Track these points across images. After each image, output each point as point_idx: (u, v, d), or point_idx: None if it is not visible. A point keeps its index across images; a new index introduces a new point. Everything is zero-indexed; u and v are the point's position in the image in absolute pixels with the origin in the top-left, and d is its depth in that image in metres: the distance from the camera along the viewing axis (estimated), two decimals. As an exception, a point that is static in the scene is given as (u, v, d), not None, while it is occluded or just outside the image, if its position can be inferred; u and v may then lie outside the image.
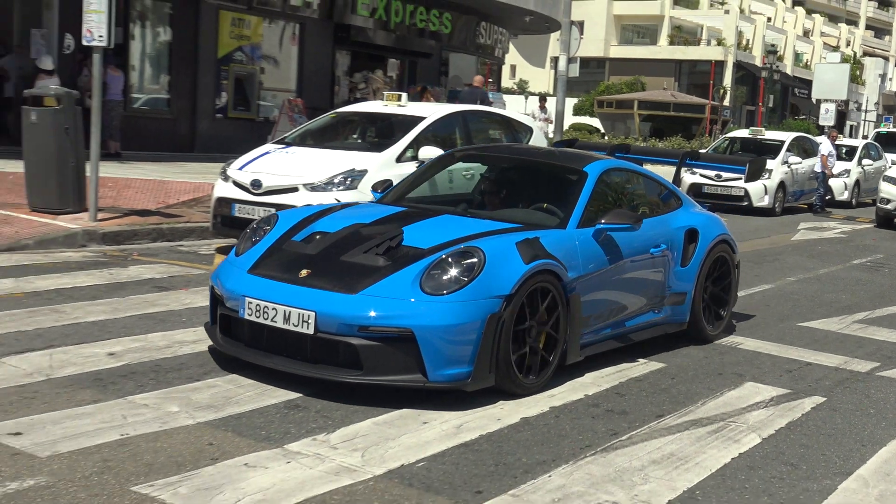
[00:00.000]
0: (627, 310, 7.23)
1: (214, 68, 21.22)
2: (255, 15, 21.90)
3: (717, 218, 8.59)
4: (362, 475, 4.71)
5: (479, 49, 29.48)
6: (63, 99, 11.27)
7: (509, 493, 4.63)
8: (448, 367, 5.65)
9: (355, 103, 16.86)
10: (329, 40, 24.06)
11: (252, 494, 4.38)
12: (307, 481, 4.59)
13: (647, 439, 5.54)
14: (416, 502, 4.45)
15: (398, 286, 5.79)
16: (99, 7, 10.47)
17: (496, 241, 6.21)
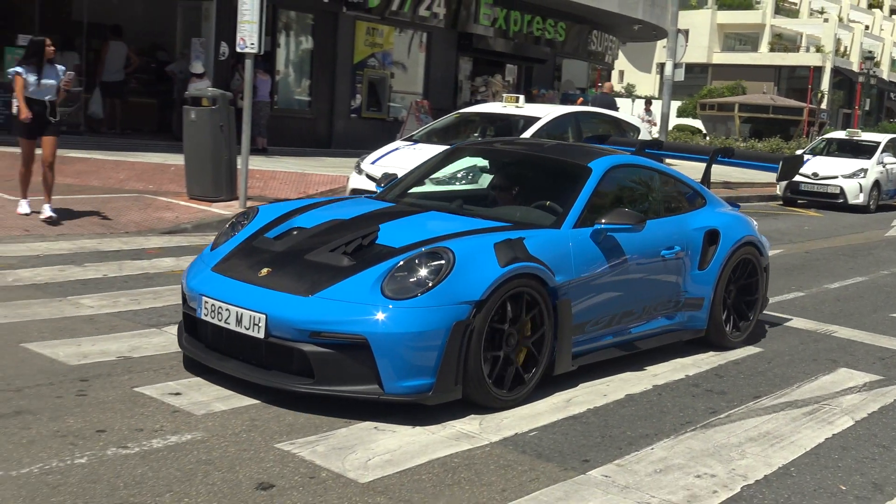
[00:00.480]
0: (633, 316, 6.14)
1: (350, 73, 21.47)
2: (387, 25, 22.07)
3: (745, 218, 7.29)
4: (480, 441, 4.74)
5: (591, 55, 29.15)
6: (218, 100, 11.58)
7: (614, 462, 4.60)
8: (407, 378, 4.72)
9: (476, 105, 16.88)
10: (453, 47, 24.11)
11: (381, 455, 4.45)
12: (430, 445, 4.64)
13: (745, 418, 5.43)
14: (529, 467, 4.45)
15: (357, 289, 4.88)
16: (251, 18, 10.72)
17: (471, 242, 5.22)
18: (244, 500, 3.86)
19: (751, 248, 7.00)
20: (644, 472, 4.50)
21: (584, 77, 30.88)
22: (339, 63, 21.09)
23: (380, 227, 5.48)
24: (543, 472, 4.40)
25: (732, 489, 4.39)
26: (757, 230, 7.22)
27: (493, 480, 4.27)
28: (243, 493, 3.92)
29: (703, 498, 4.26)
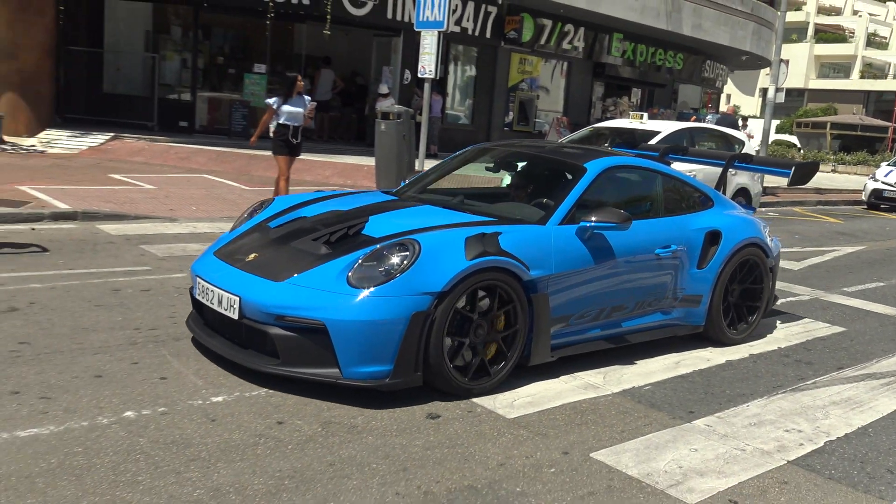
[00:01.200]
0: (625, 310, 5.22)
1: (505, 94, 21.44)
2: (536, 56, 21.89)
3: (753, 221, 6.13)
4: (603, 391, 4.69)
5: (704, 81, 28.05)
6: (403, 115, 11.78)
7: (715, 415, 4.47)
8: (364, 364, 4.03)
9: (606, 121, 16.56)
10: (589, 74, 23.69)
11: (523, 397, 4.48)
12: (563, 392, 4.63)
13: (829, 385, 5.17)
14: (643, 415, 4.38)
15: (324, 277, 4.21)
16: (431, 51, 10.86)
17: (442, 235, 4.41)
18: (417, 425, 3.97)
19: (754, 250, 5.93)
20: (740, 424, 4.36)
21: (696, 99, 29.78)
22: (496, 86, 21.09)
23: (369, 218, 4.80)
24: (655, 419, 4.32)
25: (816, 443, 4.20)
26: (765, 233, 6.15)
27: (613, 423, 4.23)
28: (417, 420, 4.03)
29: (790, 449, 4.09)
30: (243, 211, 5.56)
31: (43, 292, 5.69)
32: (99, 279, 6.17)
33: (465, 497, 3.29)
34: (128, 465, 3.28)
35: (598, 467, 3.68)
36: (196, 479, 3.22)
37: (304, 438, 3.69)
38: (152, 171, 12.71)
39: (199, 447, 3.49)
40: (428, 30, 10.94)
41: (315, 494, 3.19)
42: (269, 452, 3.52)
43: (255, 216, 5.28)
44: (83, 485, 3.09)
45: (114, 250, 7.26)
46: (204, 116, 17.51)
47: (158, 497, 3.06)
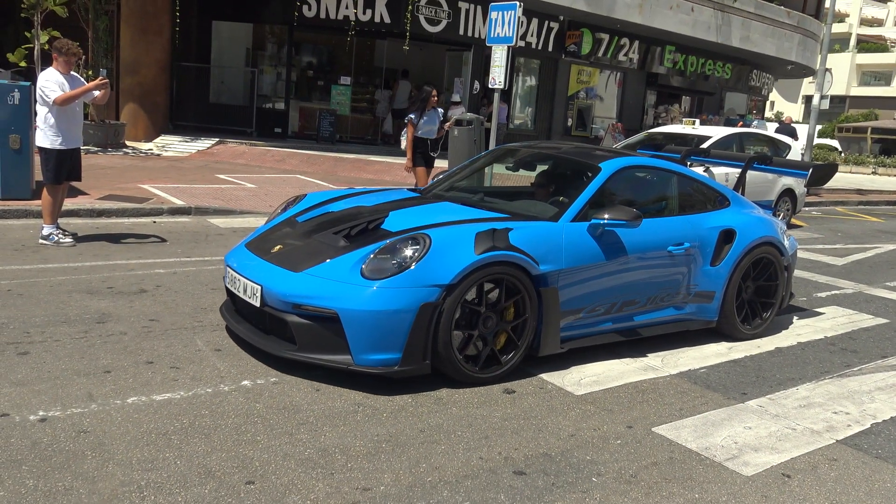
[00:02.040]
0: (637, 305, 4.94)
1: (564, 102, 21.27)
2: (593, 67, 21.63)
3: (769, 221, 5.71)
4: (662, 373, 4.67)
5: (750, 89, 27.26)
6: (474, 122, 11.82)
7: (766, 396, 4.40)
8: (375, 351, 3.88)
9: (659, 126, 16.30)
10: (642, 83, 23.30)
11: (590, 376, 4.49)
12: (625, 372, 4.62)
13: (874, 372, 5.02)
14: (699, 395, 4.35)
15: (339, 268, 4.05)
16: (500, 64, 10.87)
17: (455, 230, 4.21)
18: (495, 399, 4.03)
19: (769, 248, 5.54)
20: (791, 405, 4.29)
21: (743, 106, 28.97)
22: (556, 95, 20.94)
23: (389, 213, 4.62)
24: (711, 399, 4.29)
25: (863, 424, 4.10)
26: (780, 232, 5.73)
27: (672, 401, 4.21)
28: (495, 395, 4.10)
29: (838, 429, 4.01)
30: (278, 206, 5.31)
31: (166, 276, 5.94)
32: (213, 266, 6.41)
33: (540, 463, 3.34)
34: (248, 426, 3.43)
35: (659, 440, 3.68)
36: (306, 440, 3.35)
37: (397, 408, 3.79)
38: (252, 171, 13.06)
39: (307, 413, 3.63)
40: (498, 45, 10.95)
41: (409, 457, 3.29)
42: (367, 419, 3.63)
43: (288, 210, 5.14)
44: (211, 442, 3.25)
45: (223, 241, 7.51)
46: (296, 123, 17.89)
47: (275, 455, 3.20)
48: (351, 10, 16.30)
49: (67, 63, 6.85)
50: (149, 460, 3.06)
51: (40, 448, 3.08)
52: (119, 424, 3.33)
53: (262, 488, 2.93)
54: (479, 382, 4.16)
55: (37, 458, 3.01)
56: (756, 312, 5.63)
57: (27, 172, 8.30)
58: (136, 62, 15.06)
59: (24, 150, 8.20)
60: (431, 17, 16.84)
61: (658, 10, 19.53)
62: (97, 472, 2.94)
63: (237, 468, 3.06)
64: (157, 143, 15.09)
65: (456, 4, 17.16)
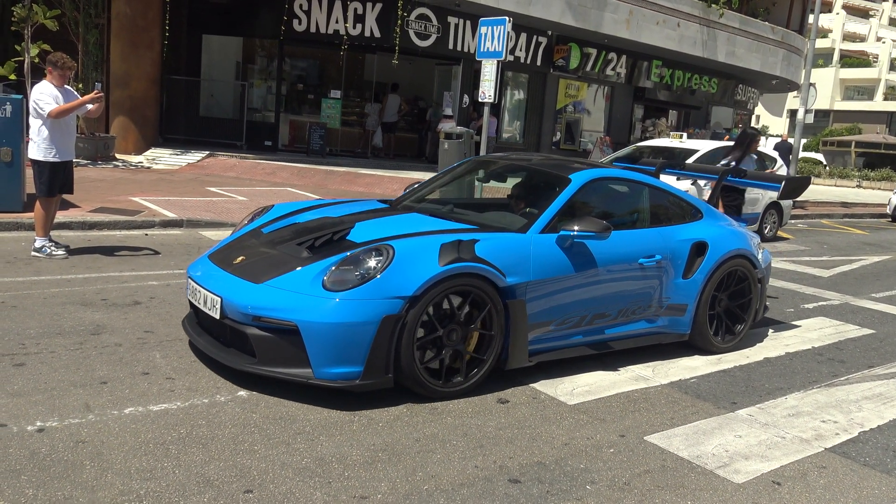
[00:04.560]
0: (608, 318, 4.83)
1: (553, 116, 21.44)
2: (581, 81, 21.84)
3: (742, 233, 5.66)
4: (653, 383, 4.73)
5: (736, 103, 27.58)
6: (464, 135, 11.92)
7: (756, 406, 4.47)
8: (335, 365, 3.76)
9: (647, 140, 16.46)
10: (629, 97, 23.53)
11: (582, 386, 4.54)
12: (617, 382, 4.67)
13: (861, 381, 5.11)
14: (690, 404, 4.41)
15: (300, 280, 3.94)
16: (490, 78, 10.98)
17: (419, 241, 4.10)
18: (489, 409, 4.07)
19: (742, 261, 5.47)
20: (780, 414, 4.36)
21: (729, 119, 29.29)
22: (545, 109, 21.10)
23: (355, 224, 4.51)
24: (702, 409, 4.35)
25: (851, 433, 4.17)
26: (754, 245, 5.67)
27: (664, 411, 4.27)
28: (489, 404, 4.13)
29: (827, 438, 4.08)
30: (244, 217, 5.32)
31: (160, 289, 5.96)
32: (206, 278, 6.41)
33: (535, 471, 3.38)
34: (245, 436, 3.45)
35: (652, 449, 3.73)
36: (303, 450, 3.38)
37: (393, 417, 3.82)
38: (243, 184, 13.08)
39: (304, 422, 3.65)
40: (488, 59, 11.06)
41: (405, 465, 3.32)
42: (363, 428, 3.66)
43: (254, 221, 5.07)
44: (209, 452, 3.28)
45: (216, 253, 7.52)
46: (286, 136, 17.94)
47: (273, 464, 3.23)
48: (341, 24, 16.40)
49: (62, 76, 6.87)
50: (147, 470, 3.08)
51: (39, 458, 3.09)
52: (117, 434, 3.35)
53: (260, 497, 2.96)
54: (443, 397, 4.06)
55: (36, 467, 3.02)
56: (729, 326, 5.55)
57: (18, 185, 8.29)
58: (127, 75, 15.07)
59: (16, 162, 8.20)
60: (421, 31, 16.97)
61: (645, 25, 19.77)
62: (96, 481, 2.96)
63: (235, 477, 3.08)
64: (148, 156, 15.09)
65: (445, 19, 17.31)
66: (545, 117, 21.18)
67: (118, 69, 15.05)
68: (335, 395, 4.00)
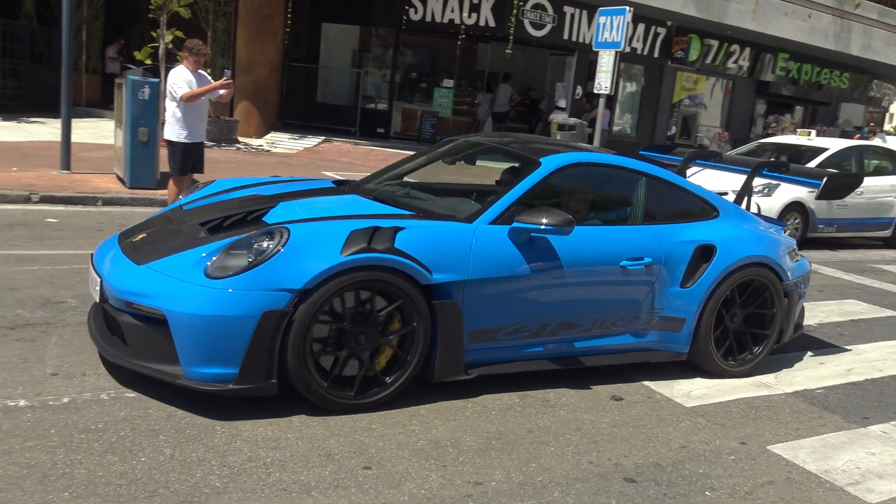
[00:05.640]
0: (579, 328, 4.12)
1: (669, 110, 20.80)
2: (700, 74, 21.06)
3: (766, 237, 4.74)
4: (776, 391, 4.52)
5: (869, 100, 25.87)
6: (577, 127, 11.78)
7: (890, 423, 4.19)
8: (206, 364, 3.24)
9: (768, 137, 15.70)
10: (751, 91, 22.50)
11: (699, 389, 4.41)
12: (737, 387, 4.50)
13: None
14: (817, 416, 4.19)
15: (182, 263, 3.42)
16: (607, 69, 10.77)
17: (324, 226, 3.51)
18: (603, 405, 4.01)
19: (761, 270, 4.55)
20: (918, 433, 4.08)
21: (860, 117, 27.52)
22: (661, 102, 20.50)
23: (278, 204, 3.99)
24: (830, 421, 4.12)
25: None
26: (783, 252, 4.75)
27: (788, 420, 4.07)
28: (602, 400, 4.08)
29: (972, 462, 3.78)
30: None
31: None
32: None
33: (651, 472, 3.31)
34: (361, 416, 3.54)
35: (775, 459, 3.57)
36: (419, 432, 3.44)
37: (505, 407, 3.83)
38: (357, 169, 13.39)
39: (419, 405, 3.71)
40: (605, 50, 10.85)
41: (519, 455, 3.32)
42: (476, 415, 3.68)
43: (187, 196, 4.61)
44: (329, 427, 3.38)
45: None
46: (398, 124, 18.23)
47: (389, 443, 3.30)
48: (457, 13, 16.48)
49: (196, 62, 7.24)
50: (272, 439, 3.22)
51: (175, 420, 3.29)
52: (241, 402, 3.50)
53: (378, 474, 3.03)
54: (349, 410, 3.51)
55: (172, 429, 3.21)
56: (745, 345, 4.68)
57: (153, 163, 8.82)
58: (251, 62, 15.72)
59: (152, 142, 8.72)
60: (536, 21, 16.83)
61: (772, 15, 18.83)
62: (227, 446, 3.12)
63: (354, 453, 3.17)
64: (267, 140, 15.70)
65: (561, 9, 17.08)
66: (660, 111, 20.57)
67: (243, 56, 15.71)
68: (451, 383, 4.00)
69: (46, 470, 2.79)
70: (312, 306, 3.31)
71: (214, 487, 2.81)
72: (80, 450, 2.96)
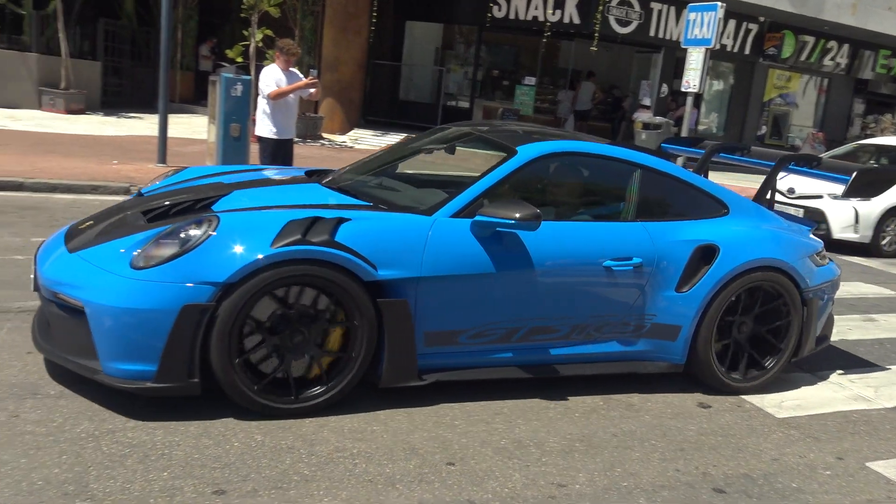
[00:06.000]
0: (553, 334, 3.78)
1: (758, 108, 20.09)
2: (794, 72, 20.27)
3: (784, 237, 4.29)
4: (875, 405, 4.31)
5: (978, 99, 24.36)
6: (663, 126, 11.52)
7: None
8: (124, 360, 3.06)
9: (867, 139, 14.95)
10: (849, 90, 21.49)
11: (792, 399, 4.25)
12: (833, 399, 4.32)
13: None
14: (921, 434, 3.97)
15: (110, 252, 3.25)
16: (696, 67, 10.48)
17: (258, 215, 3.30)
18: (690, 412, 3.91)
19: (773, 275, 4.08)
20: None
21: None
22: (751, 100, 19.83)
23: (233, 192, 3.79)
24: (935, 440, 3.90)
25: None
26: (803, 255, 4.28)
27: (889, 437, 3.87)
28: (689, 407, 3.98)
29: None
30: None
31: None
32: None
33: (741, 483, 3.21)
34: (445, 410, 3.57)
35: (875, 477, 3.41)
36: (502, 430, 3.44)
37: (588, 409, 3.78)
38: (437, 167, 13.48)
39: (502, 404, 3.71)
40: (695, 47, 10.56)
41: (603, 459, 3.28)
42: (559, 416, 3.66)
43: (156, 182, 4.44)
44: (413, 421, 3.42)
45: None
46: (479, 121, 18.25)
47: (473, 440, 3.31)
48: (541, 11, 16.38)
49: (287, 61, 7.44)
50: (358, 430, 3.28)
51: (265, 409, 3.38)
52: (331, 395, 3.57)
53: (462, 470, 3.05)
54: (284, 414, 3.28)
55: (262, 415, 3.31)
56: (755, 358, 4.24)
57: (244, 158, 9.09)
58: (337, 60, 16.04)
59: (243, 138, 8.99)
60: (622, 17, 16.54)
61: (874, 10, 17.95)
62: (314, 435, 3.20)
63: (438, 448, 3.20)
64: (351, 136, 15.99)
65: (648, 5, 16.73)
66: (750, 109, 19.89)
67: (329, 54, 16.04)
68: (532, 380, 3.99)
69: (147, 450, 2.93)
70: (238, 302, 3.08)
71: (303, 475, 2.88)
72: (178, 432, 3.09)
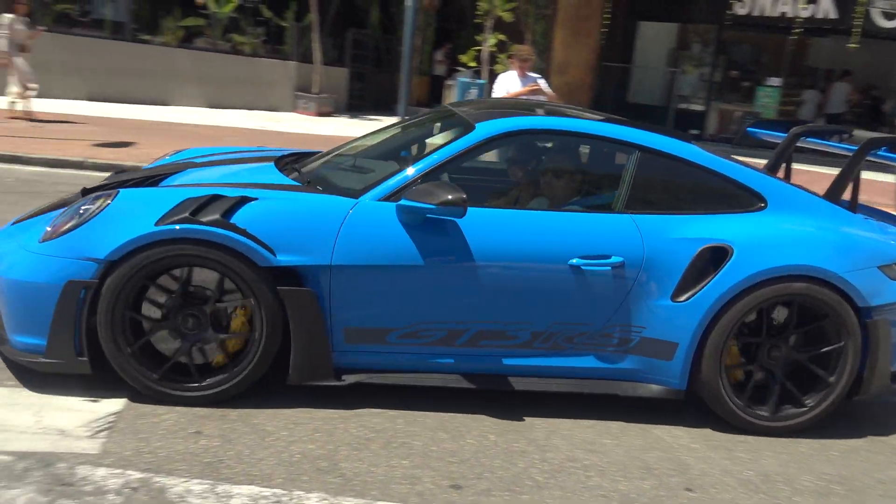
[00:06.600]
0: (508, 340, 3.25)
1: None
2: None
3: (841, 239, 3.36)
4: None
5: None
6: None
7: None
8: (21, 332, 3.06)
9: None
10: None
11: None
12: None
13: None
14: None
15: (32, 226, 3.28)
16: None
17: (153, 191, 3.25)
18: None
19: (814, 287, 3.23)
20: None
21: None
22: None
23: (186, 170, 3.73)
24: None
25: None
26: (862, 262, 3.31)
27: None
28: None
29: None
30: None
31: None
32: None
33: None
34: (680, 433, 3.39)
35: None
36: (745, 460, 3.20)
37: (849, 449, 3.40)
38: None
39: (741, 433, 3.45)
40: None
41: (867, 507, 2.93)
42: (813, 453, 3.33)
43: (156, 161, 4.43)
44: (647, 439, 3.29)
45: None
46: (714, 125, 17.30)
47: (713, 466, 3.12)
48: (790, 5, 15.12)
49: (521, 67, 7.60)
50: (590, 442, 3.21)
51: (494, 408, 3.43)
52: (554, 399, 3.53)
53: (702, 498, 2.87)
54: (181, 402, 3.10)
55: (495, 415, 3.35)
56: (792, 393, 3.41)
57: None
58: (566, 63, 16.00)
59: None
60: (889, 10, 14.77)
61: None
62: (546, 441, 3.18)
63: (675, 471, 3.05)
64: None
65: (922, -5, 14.79)
66: None
67: (560, 57, 16.05)
68: (778, 408, 3.67)
69: (389, 437, 3.09)
70: (121, 280, 2.99)
71: (536, 481, 2.88)
72: (416, 423, 3.22)
